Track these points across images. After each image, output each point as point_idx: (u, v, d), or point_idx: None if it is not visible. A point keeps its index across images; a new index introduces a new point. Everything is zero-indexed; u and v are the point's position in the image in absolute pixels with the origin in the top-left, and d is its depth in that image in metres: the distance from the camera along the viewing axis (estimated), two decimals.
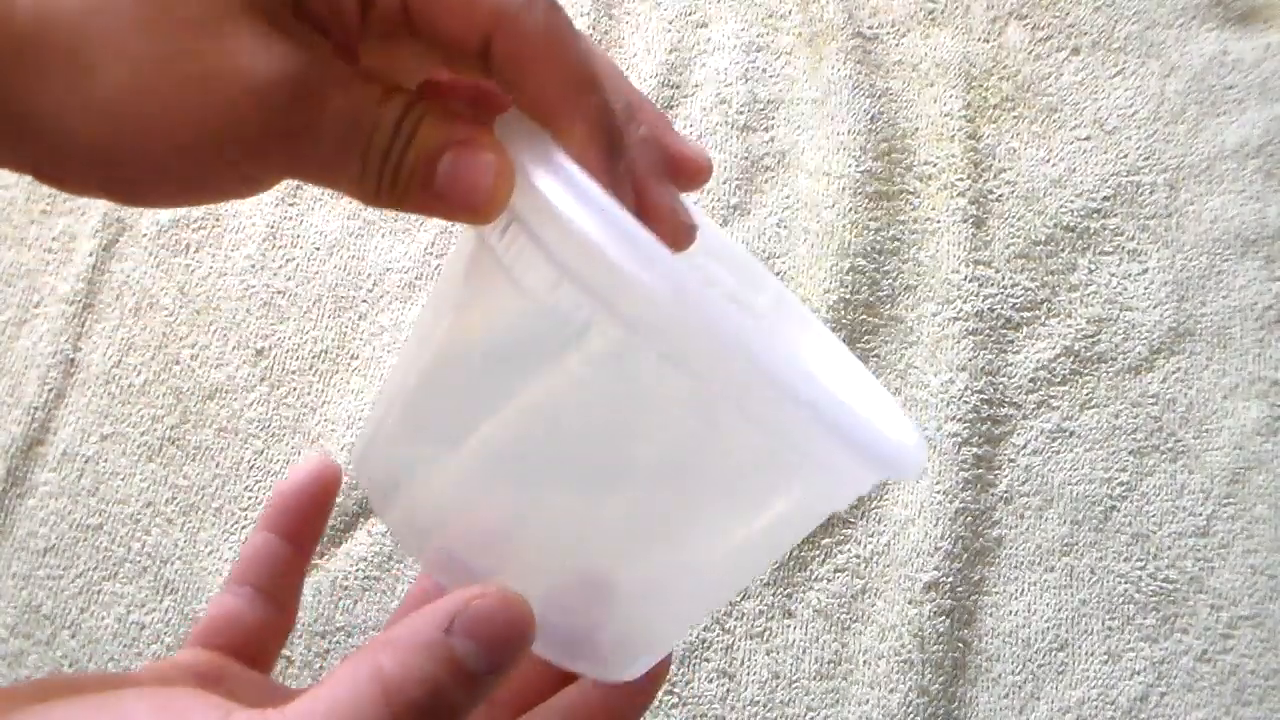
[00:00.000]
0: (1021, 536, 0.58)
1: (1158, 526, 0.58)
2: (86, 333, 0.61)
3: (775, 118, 0.68)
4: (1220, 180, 0.67)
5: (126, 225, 0.63)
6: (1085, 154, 0.67)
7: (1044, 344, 0.62)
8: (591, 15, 0.70)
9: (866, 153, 0.65)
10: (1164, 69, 0.70)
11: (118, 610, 0.55)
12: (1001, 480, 0.59)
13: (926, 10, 0.71)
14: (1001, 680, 0.55)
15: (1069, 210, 0.65)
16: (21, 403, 0.59)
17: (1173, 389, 0.61)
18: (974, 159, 0.66)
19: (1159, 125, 0.68)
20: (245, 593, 0.31)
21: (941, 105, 0.68)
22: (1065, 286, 0.64)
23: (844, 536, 0.57)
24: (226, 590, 0.31)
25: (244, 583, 0.31)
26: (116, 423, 0.59)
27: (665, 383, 0.22)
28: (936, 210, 0.65)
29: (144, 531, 0.56)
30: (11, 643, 0.54)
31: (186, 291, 0.62)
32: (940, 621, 0.55)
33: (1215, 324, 0.63)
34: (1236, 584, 0.57)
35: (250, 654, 0.30)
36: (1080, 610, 0.57)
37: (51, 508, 0.57)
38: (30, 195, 0.64)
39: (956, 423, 0.59)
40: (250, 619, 0.30)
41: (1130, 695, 0.55)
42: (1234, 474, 0.59)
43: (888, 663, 0.54)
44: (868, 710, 0.54)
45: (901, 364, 0.61)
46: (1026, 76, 0.69)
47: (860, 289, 0.62)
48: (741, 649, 0.55)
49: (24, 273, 0.62)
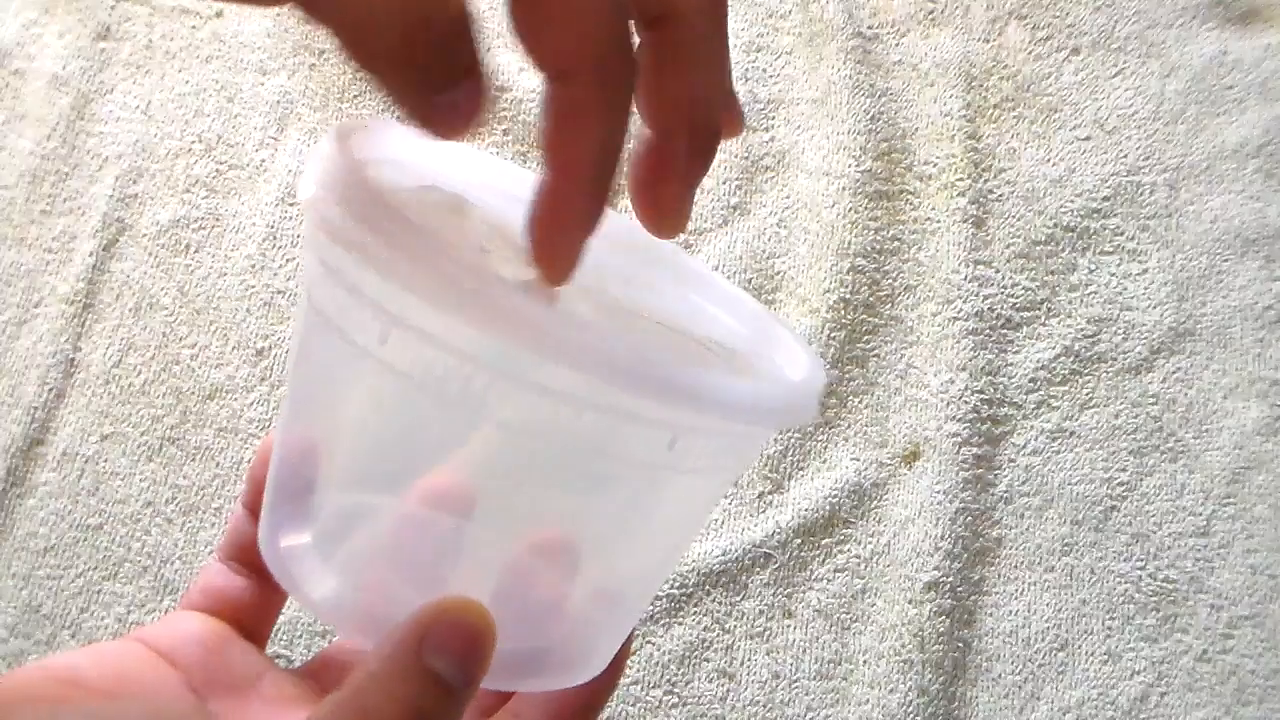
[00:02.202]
0: (1021, 536, 0.58)
1: (1158, 526, 0.58)
2: (86, 333, 0.61)
3: (775, 118, 0.68)
4: (1220, 180, 0.67)
5: (126, 225, 0.63)
6: (1085, 154, 0.67)
7: (1044, 344, 0.62)
8: None
9: (866, 153, 0.65)
10: (1164, 69, 0.70)
11: (118, 610, 0.55)
12: (1001, 480, 0.59)
13: (926, 10, 0.71)
14: (1001, 680, 0.55)
15: (1069, 210, 0.65)
16: (21, 403, 0.59)
17: (1173, 389, 0.61)
18: (974, 159, 0.66)
19: (1159, 125, 0.68)
20: (234, 567, 0.31)
21: (941, 105, 0.68)
22: (1065, 286, 0.64)
23: (844, 536, 0.57)
24: (216, 564, 0.31)
25: (231, 558, 0.31)
26: (116, 423, 0.59)
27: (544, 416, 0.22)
28: (936, 210, 0.65)
29: (144, 531, 0.56)
30: (11, 643, 0.54)
31: (186, 291, 0.62)
32: (940, 621, 0.55)
33: (1215, 324, 0.63)
34: (1236, 584, 0.57)
35: (245, 626, 0.30)
36: (1080, 610, 0.57)
37: (51, 508, 0.57)
38: (30, 195, 0.64)
39: (956, 423, 0.59)
40: (244, 592, 0.30)
41: (1130, 695, 0.55)
42: (1234, 474, 0.59)
43: (888, 663, 0.54)
44: (868, 710, 0.54)
45: (901, 364, 0.61)
46: (1026, 76, 0.69)
47: (860, 289, 0.62)
48: (741, 649, 0.55)
49: (24, 273, 0.62)
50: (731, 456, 0.26)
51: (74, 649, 0.28)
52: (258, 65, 0.68)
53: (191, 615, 0.29)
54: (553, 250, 0.22)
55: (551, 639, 0.26)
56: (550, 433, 0.22)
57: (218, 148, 0.65)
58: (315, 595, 0.25)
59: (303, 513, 0.26)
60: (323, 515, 0.25)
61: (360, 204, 0.21)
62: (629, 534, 0.26)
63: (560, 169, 0.22)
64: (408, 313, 0.21)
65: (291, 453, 0.25)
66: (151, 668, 0.27)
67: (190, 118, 0.66)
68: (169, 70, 0.67)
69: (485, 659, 0.22)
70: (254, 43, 0.68)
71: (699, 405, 0.21)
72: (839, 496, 0.58)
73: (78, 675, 0.25)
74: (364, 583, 0.25)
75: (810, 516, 0.57)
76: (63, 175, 0.64)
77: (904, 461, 0.59)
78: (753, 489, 0.58)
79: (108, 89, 0.67)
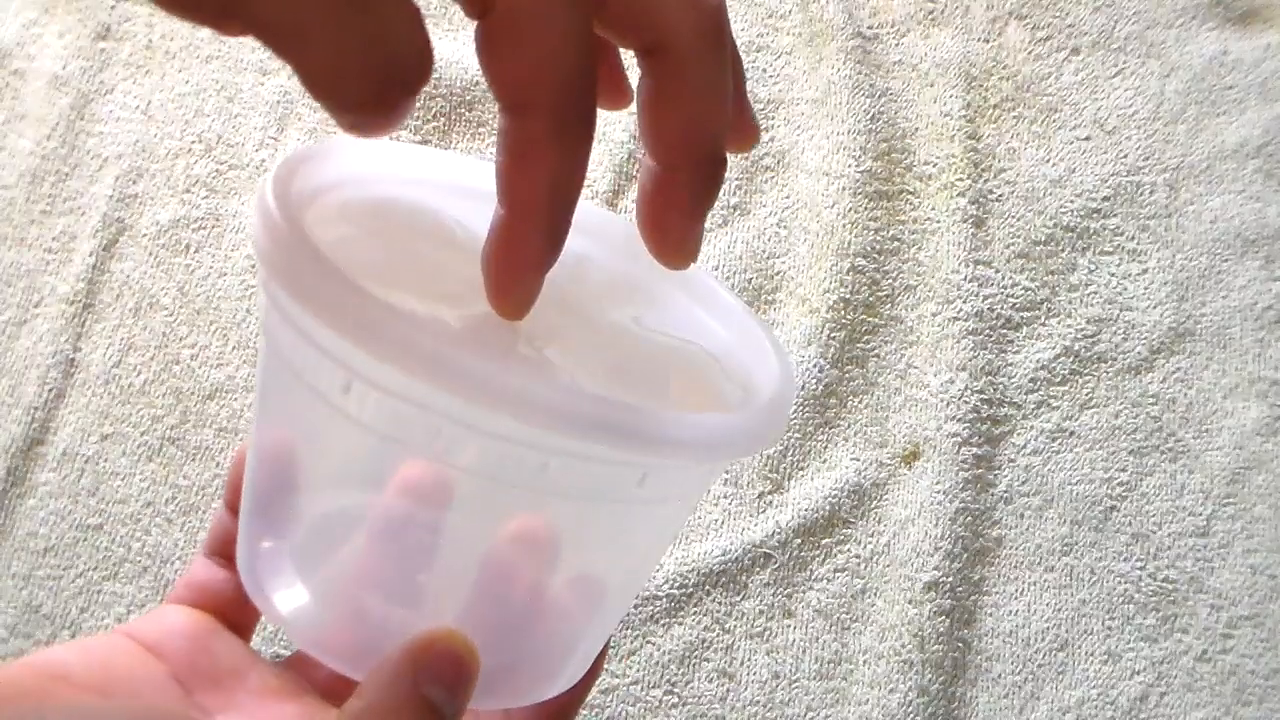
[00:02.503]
0: (1021, 536, 0.58)
1: (1158, 526, 0.58)
2: (86, 333, 0.61)
3: (775, 118, 0.68)
4: (1220, 180, 0.67)
5: (126, 225, 0.63)
6: (1085, 154, 0.67)
7: (1044, 344, 0.62)
8: None
9: (866, 153, 0.65)
10: (1164, 69, 0.70)
11: (118, 610, 0.55)
12: (1001, 480, 0.59)
13: (926, 10, 0.71)
14: (1001, 680, 0.55)
15: (1069, 210, 0.65)
16: (21, 403, 0.59)
17: (1173, 389, 0.61)
18: (974, 159, 0.66)
19: (1159, 125, 0.68)
20: (219, 561, 0.31)
21: (941, 105, 0.68)
22: (1065, 286, 0.64)
23: (844, 536, 0.57)
24: (201, 559, 0.31)
25: (215, 554, 0.31)
26: (116, 423, 0.59)
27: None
28: (936, 210, 0.65)
29: (144, 531, 0.56)
30: (11, 643, 0.54)
31: (186, 291, 0.62)
32: (940, 621, 0.55)
33: (1215, 324, 0.63)
34: (1236, 584, 0.57)
35: (230, 619, 0.30)
36: (1080, 610, 0.57)
37: (51, 508, 0.57)
38: (30, 195, 0.64)
39: (956, 423, 0.59)
40: (227, 585, 0.30)
41: (1130, 695, 0.55)
42: (1234, 474, 0.59)
43: (888, 663, 0.54)
44: (868, 710, 0.54)
45: (901, 364, 0.61)
46: (1026, 76, 0.69)
47: (860, 289, 0.62)
48: (741, 649, 0.55)
49: (24, 273, 0.62)
50: (702, 480, 0.26)
51: (61, 645, 0.28)
52: (258, 65, 0.68)
53: (177, 609, 0.30)
54: (508, 289, 0.22)
55: (534, 640, 0.26)
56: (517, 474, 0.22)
57: (218, 148, 0.65)
58: (286, 612, 0.25)
59: (277, 527, 0.26)
60: (299, 527, 0.26)
61: (303, 270, 0.21)
62: (606, 545, 0.26)
63: (513, 206, 0.22)
64: (365, 369, 0.21)
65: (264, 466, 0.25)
66: (138, 661, 0.27)
67: (190, 118, 0.66)
68: (169, 70, 0.67)
69: (471, 685, 0.23)
70: (254, 43, 0.68)
71: (662, 450, 0.21)
72: (839, 496, 0.58)
73: (64, 671, 0.25)
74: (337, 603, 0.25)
75: (810, 516, 0.57)
76: (63, 175, 0.64)
77: (904, 461, 0.59)
78: (753, 489, 0.58)
79: (108, 89, 0.67)
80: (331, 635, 0.25)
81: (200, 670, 0.28)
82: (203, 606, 0.30)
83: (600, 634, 0.27)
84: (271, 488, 0.25)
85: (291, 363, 0.23)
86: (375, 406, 0.22)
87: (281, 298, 0.22)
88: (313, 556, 0.26)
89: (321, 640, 0.25)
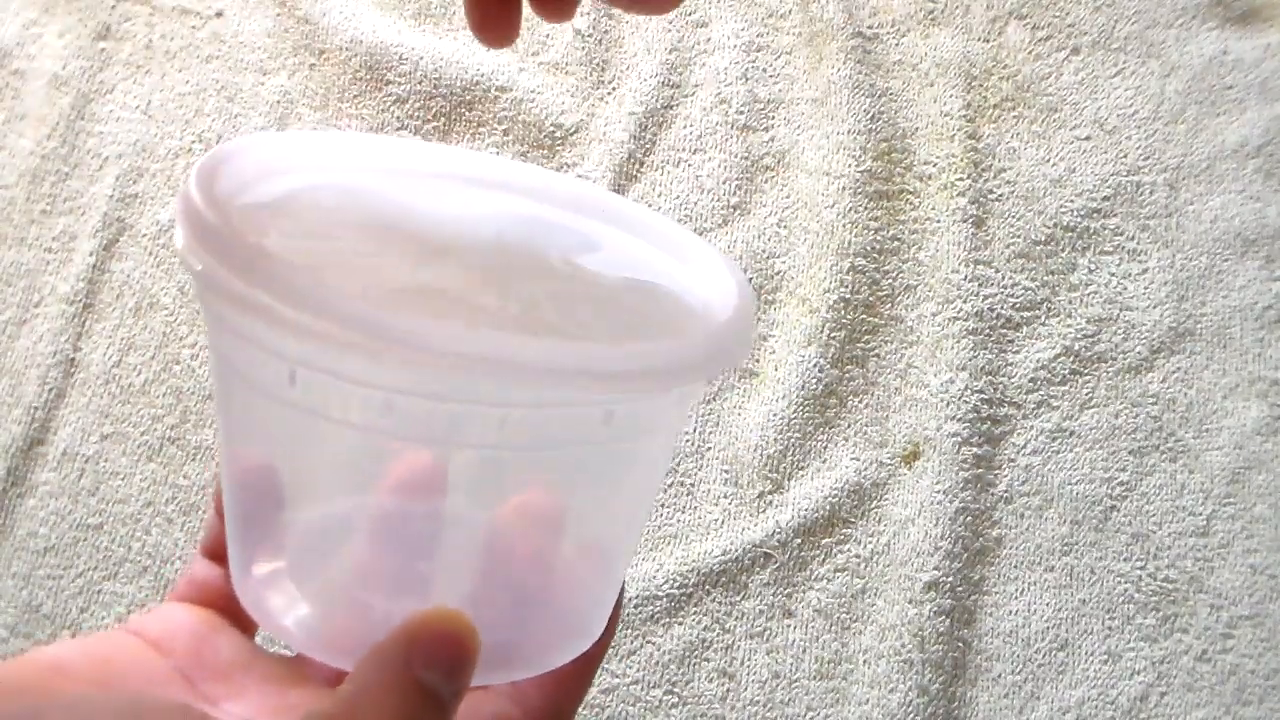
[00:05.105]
0: (1021, 536, 0.58)
1: (1158, 526, 0.58)
2: (86, 333, 0.61)
3: (775, 117, 0.68)
4: (1220, 180, 0.67)
5: (126, 225, 0.63)
6: (1085, 154, 0.67)
7: (1044, 344, 0.62)
8: (592, 15, 0.70)
9: (866, 153, 0.65)
10: (1164, 69, 0.70)
11: (118, 610, 0.55)
12: (1001, 480, 0.59)
13: (926, 10, 0.71)
14: (1001, 680, 0.55)
15: (1069, 210, 0.65)
16: (21, 403, 0.59)
17: (1173, 389, 0.61)
18: (974, 159, 0.66)
19: (1159, 125, 0.68)
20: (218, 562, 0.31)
21: (941, 105, 0.68)
22: (1065, 286, 0.64)
23: (844, 536, 0.57)
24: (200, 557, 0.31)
25: (212, 555, 0.31)
26: (116, 423, 0.59)
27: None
28: (936, 210, 0.65)
29: (144, 531, 0.56)
30: (11, 643, 0.54)
31: (186, 291, 0.62)
32: (940, 621, 0.55)
33: (1215, 324, 0.63)
34: (1236, 584, 0.57)
35: (234, 615, 0.30)
36: (1080, 610, 0.57)
37: (51, 508, 0.57)
38: (30, 195, 0.64)
39: (956, 423, 0.59)
40: (229, 582, 0.30)
41: (1130, 695, 0.55)
42: (1234, 474, 0.59)
43: (888, 663, 0.54)
44: (868, 710, 0.54)
45: (901, 364, 0.61)
46: (1026, 76, 0.69)
47: (860, 289, 0.62)
48: (741, 649, 0.55)
49: (24, 273, 0.62)
50: (673, 411, 0.25)
51: (61, 642, 0.28)
52: (258, 65, 0.68)
53: (180, 606, 0.30)
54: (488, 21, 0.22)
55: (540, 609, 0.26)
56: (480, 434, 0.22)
57: None
58: (288, 623, 0.25)
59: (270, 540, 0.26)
60: (291, 538, 0.25)
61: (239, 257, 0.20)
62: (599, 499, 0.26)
63: None
64: (312, 355, 0.21)
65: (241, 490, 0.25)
66: (142, 656, 0.27)
67: (190, 118, 0.66)
68: (169, 70, 0.67)
69: (471, 666, 0.22)
70: (254, 43, 0.68)
71: (619, 383, 0.21)
72: (839, 496, 0.58)
73: (66, 666, 0.25)
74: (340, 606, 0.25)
75: (810, 516, 0.57)
76: (63, 175, 0.64)
77: (904, 461, 0.59)
78: (753, 489, 0.58)
79: (108, 89, 0.67)
80: (337, 637, 0.25)
81: (205, 664, 0.28)
82: (205, 603, 0.30)
83: (605, 591, 0.27)
84: (253, 509, 0.25)
85: (237, 366, 0.23)
86: (321, 390, 0.21)
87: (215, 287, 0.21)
88: (308, 568, 0.25)
89: (328, 643, 0.25)
